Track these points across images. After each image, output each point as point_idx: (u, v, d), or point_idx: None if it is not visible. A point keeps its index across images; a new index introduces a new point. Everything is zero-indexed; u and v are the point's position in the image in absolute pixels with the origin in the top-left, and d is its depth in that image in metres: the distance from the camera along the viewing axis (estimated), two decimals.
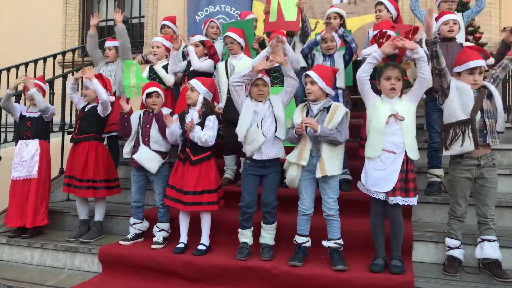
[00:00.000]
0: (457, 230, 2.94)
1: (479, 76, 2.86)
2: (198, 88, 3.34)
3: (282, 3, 4.05)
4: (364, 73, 2.92)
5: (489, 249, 2.82)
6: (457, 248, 2.92)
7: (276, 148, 3.14)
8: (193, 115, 3.32)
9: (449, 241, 2.94)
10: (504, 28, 5.35)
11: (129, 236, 3.58)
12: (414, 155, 2.86)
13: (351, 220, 3.22)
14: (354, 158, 3.21)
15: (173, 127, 3.33)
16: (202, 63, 4.09)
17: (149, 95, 3.53)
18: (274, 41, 3.16)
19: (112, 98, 3.95)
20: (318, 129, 2.87)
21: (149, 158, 3.44)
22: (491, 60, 3.14)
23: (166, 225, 3.54)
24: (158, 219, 3.54)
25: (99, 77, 3.90)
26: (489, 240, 2.84)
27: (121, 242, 3.53)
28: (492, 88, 2.90)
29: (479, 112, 2.82)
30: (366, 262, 2.94)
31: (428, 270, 2.96)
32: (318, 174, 2.91)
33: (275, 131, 3.13)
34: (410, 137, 2.86)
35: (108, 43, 4.60)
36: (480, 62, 2.84)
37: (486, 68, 2.93)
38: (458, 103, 2.85)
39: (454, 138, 2.84)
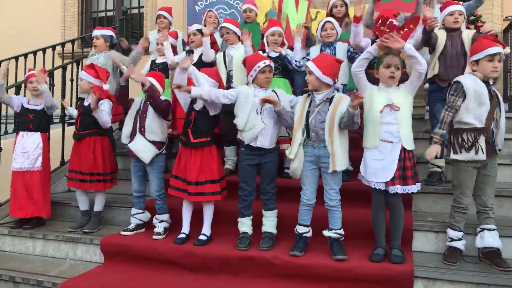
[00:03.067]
0: (460, 222, 2.94)
1: (499, 63, 2.82)
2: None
3: (289, 18, 4.03)
4: (358, 68, 2.93)
5: (490, 238, 2.83)
6: (459, 239, 2.93)
7: (272, 139, 3.15)
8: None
9: (452, 233, 2.94)
10: (507, 17, 5.32)
11: (130, 226, 3.59)
12: (410, 145, 2.86)
13: (352, 210, 3.22)
14: (354, 148, 3.20)
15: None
16: (211, 54, 4.06)
17: (143, 84, 3.52)
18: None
19: (106, 87, 3.92)
20: (279, 106, 2.95)
21: (143, 148, 3.43)
22: (508, 50, 3.11)
23: (165, 216, 3.55)
24: (156, 210, 3.55)
25: (91, 66, 3.85)
26: (489, 229, 2.85)
27: (122, 233, 3.54)
28: (500, 98, 2.91)
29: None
30: (366, 251, 2.95)
31: (428, 259, 2.97)
32: (330, 169, 2.91)
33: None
34: (405, 127, 2.85)
35: (96, 32, 4.46)
36: (499, 49, 2.80)
37: (504, 57, 2.89)
38: (474, 109, 2.80)
39: (466, 145, 2.83)
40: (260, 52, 3.92)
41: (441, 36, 3.57)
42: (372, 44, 3.72)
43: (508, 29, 4.80)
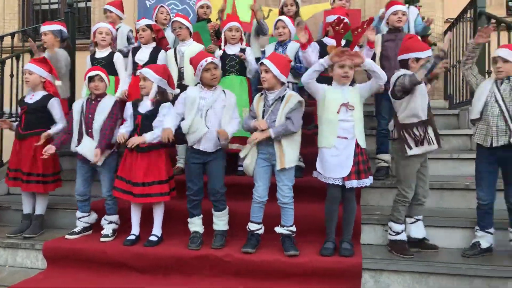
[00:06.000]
0: (403, 214, 3.05)
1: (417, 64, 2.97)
2: (151, 77, 3.22)
3: (237, 3, 4.01)
4: (309, 79, 2.94)
5: (422, 228, 3.05)
6: (403, 231, 3.04)
7: (216, 142, 3.09)
8: (146, 103, 3.22)
9: (397, 227, 3.03)
10: (447, 19, 5.61)
11: (76, 229, 3.43)
12: (363, 143, 2.95)
13: (304, 206, 3.26)
14: (307, 145, 3.24)
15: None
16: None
17: (91, 79, 3.36)
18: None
19: (58, 83, 3.72)
20: (272, 134, 2.89)
21: (93, 150, 3.29)
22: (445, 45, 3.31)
23: (115, 217, 3.43)
24: (106, 211, 3.42)
25: (43, 61, 3.64)
26: (421, 219, 3.05)
27: (67, 237, 3.38)
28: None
29: None
30: (317, 246, 3.01)
31: (376, 251, 3.07)
32: (278, 167, 2.93)
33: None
34: (360, 124, 2.94)
35: (44, 28, 4.16)
36: (429, 52, 2.96)
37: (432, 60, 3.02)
38: (420, 102, 2.91)
39: (419, 138, 2.91)
40: (218, 51, 3.89)
41: (377, 41, 3.68)
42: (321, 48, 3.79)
43: (448, 30, 5.07)
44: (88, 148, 3.30)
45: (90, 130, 3.32)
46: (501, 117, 2.82)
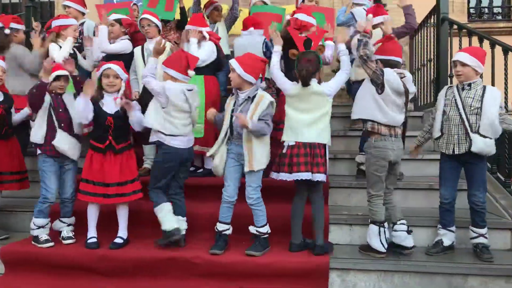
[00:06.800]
0: None
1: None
2: (121, 75, 3.17)
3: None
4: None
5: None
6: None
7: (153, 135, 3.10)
8: (116, 102, 3.15)
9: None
10: None
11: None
12: None
13: (272, 206, 3.24)
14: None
15: (135, 114, 3.15)
16: (112, 46, 3.89)
17: (58, 78, 3.23)
18: None
19: None
20: (250, 126, 2.84)
21: (70, 145, 3.19)
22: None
23: (73, 219, 3.32)
24: (64, 213, 3.28)
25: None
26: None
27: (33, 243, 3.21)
28: None
29: None
30: (285, 246, 3.03)
31: (343, 251, 3.11)
32: (246, 169, 2.94)
33: None
34: None
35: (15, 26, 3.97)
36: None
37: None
38: None
39: None
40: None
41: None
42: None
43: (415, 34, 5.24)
44: (66, 142, 3.17)
45: (63, 124, 3.19)
46: (461, 126, 2.93)
